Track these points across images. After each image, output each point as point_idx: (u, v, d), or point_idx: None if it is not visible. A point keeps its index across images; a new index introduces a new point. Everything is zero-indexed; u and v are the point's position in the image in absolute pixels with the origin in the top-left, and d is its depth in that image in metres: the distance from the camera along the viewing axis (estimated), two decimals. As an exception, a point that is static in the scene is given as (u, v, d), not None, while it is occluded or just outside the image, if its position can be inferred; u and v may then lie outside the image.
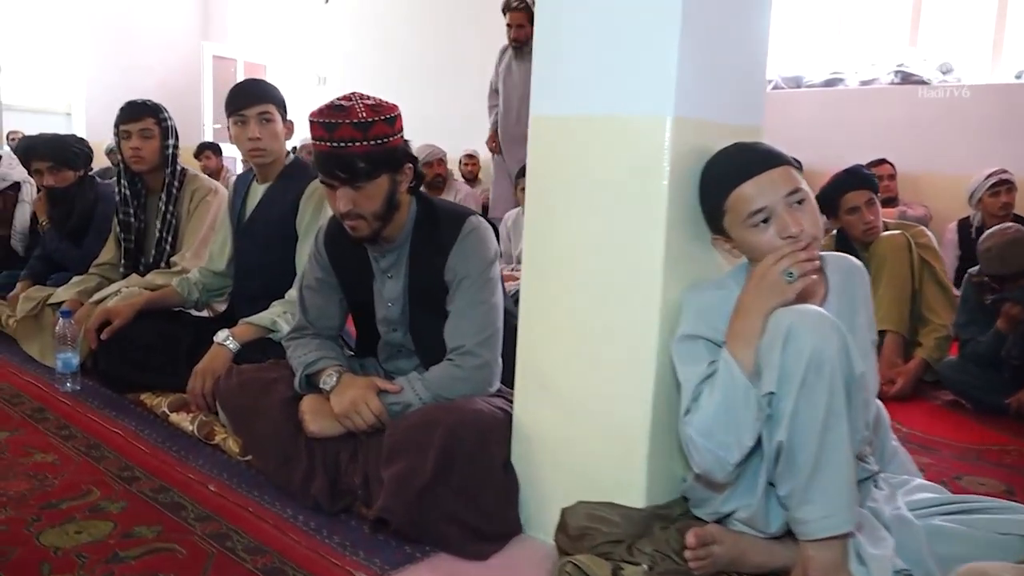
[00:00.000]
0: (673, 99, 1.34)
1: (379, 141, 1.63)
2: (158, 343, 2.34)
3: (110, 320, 2.35)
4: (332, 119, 1.60)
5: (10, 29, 8.97)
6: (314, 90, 9.17)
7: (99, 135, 8.91)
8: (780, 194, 1.30)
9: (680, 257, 1.41)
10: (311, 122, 1.64)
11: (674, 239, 1.38)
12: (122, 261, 2.82)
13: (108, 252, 2.94)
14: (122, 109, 2.74)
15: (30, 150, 3.09)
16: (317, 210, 2.29)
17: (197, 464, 1.89)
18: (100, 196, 3.21)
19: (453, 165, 6.93)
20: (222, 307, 2.77)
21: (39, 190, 3.25)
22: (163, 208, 2.78)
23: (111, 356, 2.34)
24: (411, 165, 1.74)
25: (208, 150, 6.42)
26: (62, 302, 2.77)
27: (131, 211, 2.79)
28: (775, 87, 5.91)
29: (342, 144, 1.60)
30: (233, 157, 7.86)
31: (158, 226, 2.78)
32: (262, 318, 2.13)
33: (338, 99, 1.66)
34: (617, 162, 1.42)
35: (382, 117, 1.64)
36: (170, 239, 2.79)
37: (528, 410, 1.61)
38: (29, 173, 3.23)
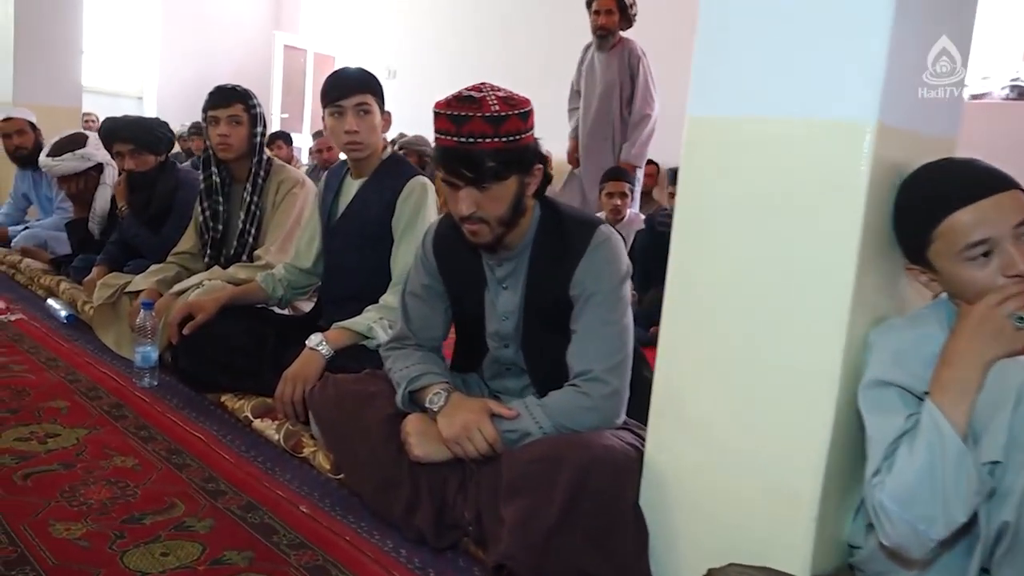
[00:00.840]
0: (878, 102, 1.14)
1: (511, 138, 1.46)
2: (243, 342, 2.20)
3: (193, 314, 2.23)
4: (461, 111, 1.44)
5: (87, 12, 9.11)
6: (384, 84, 9.11)
7: (170, 120, 9.01)
8: (1008, 224, 1.09)
9: (871, 288, 1.20)
10: (436, 114, 1.47)
11: (867, 267, 1.18)
12: (207, 252, 2.71)
13: (188, 241, 2.84)
14: (211, 94, 2.62)
15: (112, 132, 3.00)
16: (416, 211, 2.14)
17: (285, 479, 1.74)
18: (180, 182, 3.12)
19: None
20: (305, 306, 2.64)
21: (120, 174, 3.17)
22: (248, 199, 2.65)
23: (192, 353, 2.22)
24: (541, 166, 1.56)
25: (279, 139, 6.35)
26: (140, 291, 2.67)
27: (218, 200, 2.68)
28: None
29: (471, 140, 1.44)
30: (299, 147, 7.79)
31: (241, 217, 2.66)
32: (357, 323, 1.98)
33: (467, 89, 1.49)
34: (799, 173, 1.23)
35: (516, 111, 1.47)
36: (253, 231, 2.66)
37: (664, 450, 1.42)
38: (111, 156, 3.15)
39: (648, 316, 3.72)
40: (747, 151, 1.29)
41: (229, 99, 2.60)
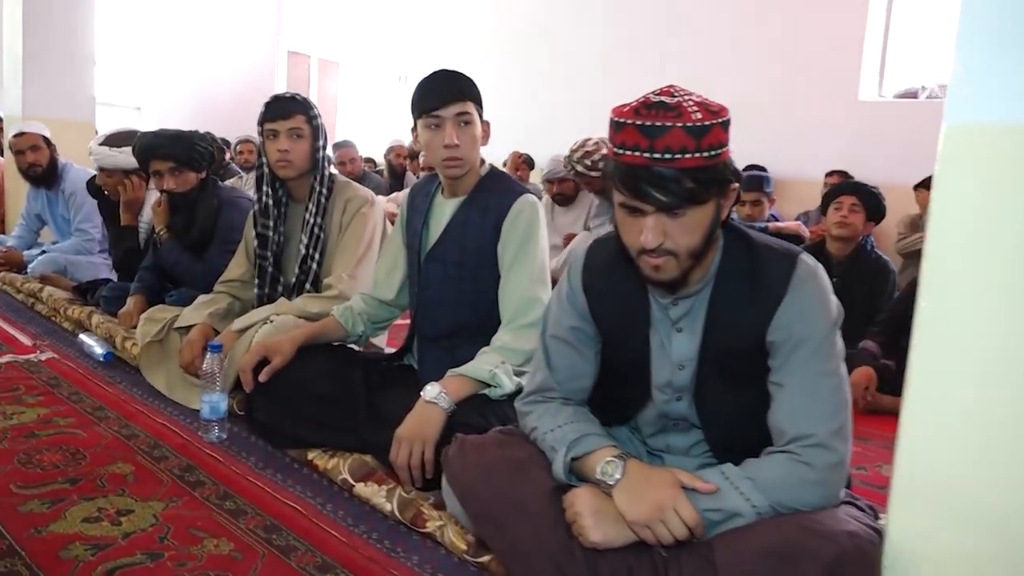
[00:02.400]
0: None
1: (713, 152, 1.19)
2: (328, 388, 1.92)
3: (268, 358, 1.94)
4: (657, 120, 1.17)
5: (85, 20, 8.79)
6: (395, 89, 8.83)
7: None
8: None
9: None
10: (619, 124, 1.20)
11: None
12: (262, 280, 2.42)
13: (237, 267, 2.55)
14: (268, 105, 2.34)
15: (149, 149, 2.71)
16: (528, 235, 1.86)
17: (412, 562, 1.46)
18: (224, 202, 2.83)
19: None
20: (378, 340, 2.36)
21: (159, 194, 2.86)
22: (310, 220, 2.37)
23: (270, 402, 1.93)
24: (736, 185, 1.30)
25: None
26: (191, 326, 2.38)
27: (270, 223, 2.39)
28: (930, 96, 5.40)
29: (667, 156, 1.17)
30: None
31: (303, 241, 2.37)
32: (478, 370, 1.70)
33: (655, 94, 1.22)
34: None
35: (718, 120, 1.20)
36: (317, 257, 2.38)
37: (913, 533, 1.15)
38: (146, 174, 2.85)
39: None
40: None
41: (289, 110, 2.32)
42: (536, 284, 1.83)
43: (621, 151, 1.21)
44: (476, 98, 1.90)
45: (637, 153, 1.19)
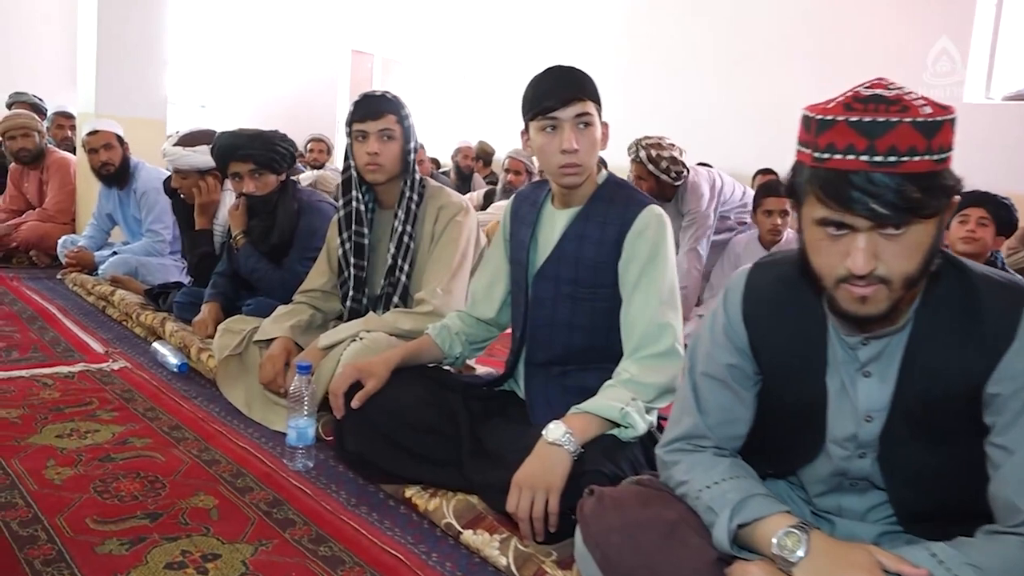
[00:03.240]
0: None
1: (943, 156, 0.97)
2: (427, 416, 1.73)
3: (361, 381, 1.76)
4: (878, 116, 0.95)
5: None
6: (460, 88, 8.69)
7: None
8: None
9: None
10: (825, 122, 0.98)
11: None
12: (347, 291, 2.25)
13: (319, 276, 2.39)
14: (357, 104, 2.16)
15: (230, 149, 2.56)
16: (655, 251, 1.64)
17: (536, 632, 1.26)
18: (304, 206, 2.68)
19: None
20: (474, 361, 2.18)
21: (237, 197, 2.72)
22: (399, 228, 2.19)
23: (363, 432, 1.74)
24: (958, 198, 1.06)
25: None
26: (271, 340, 2.23)
27: (365, 230, 2.22)
28: (1018, 96, 5.03)
29: (892, 158, 0.94)
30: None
31: (391, 250, 2.20)
32: (606, 407, 1.49)
33: (865, 87, 1.00)
34: None
35: (949, 116, 0.98)
36: (407, 268, 2.20)
37: None
38: (223, 176, 2.71)
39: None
40: None
41: (380, 109, 2.14)
42: (666, 308, 1.62)
43: (828, 155, 0.98)
44: (596, 97, 1.69)
45: (852, 156, 0.96)
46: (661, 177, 3.50)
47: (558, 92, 1.64)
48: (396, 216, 2.21)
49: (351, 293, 2.26)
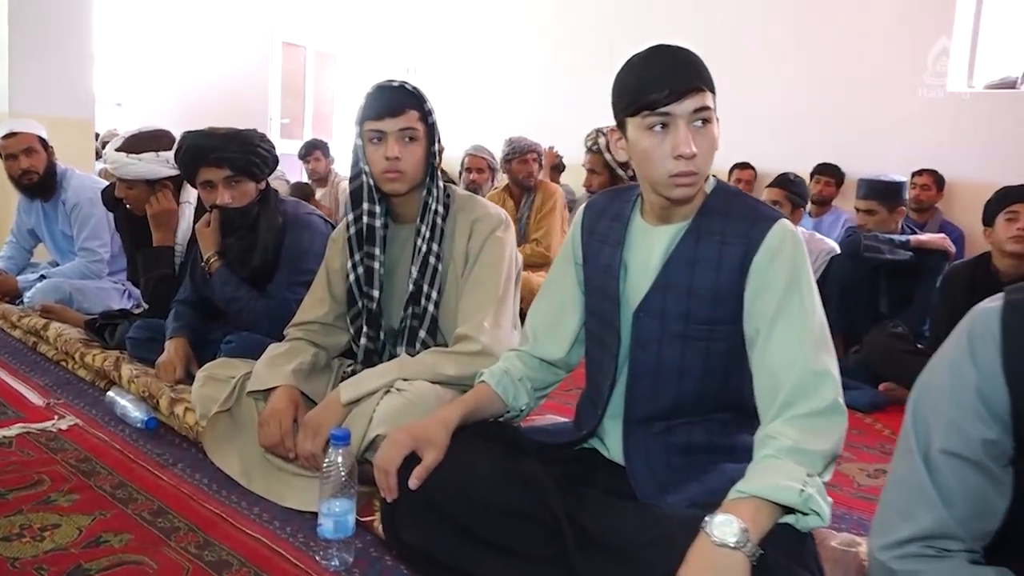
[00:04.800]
0: None
1: None
2: (510, 496, 1.34)
3: (417, 452, 1.37)
4: None
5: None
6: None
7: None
8: None
9: None
10: None
11: None
12: (364, 329, 1.84)
13: (316, 306, 1.96)
14: (371, 97, 1.76)
15: (200, 152, 2.10)
16: (796, 279, 1.30)
17: None
18: (291, 220, 2.24)
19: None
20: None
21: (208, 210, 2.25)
22: (423, 247, 1.79)
23: (425, 518, 1.35)
24: None
25: (316, 150, 5.41)
26: (270, 389, 1.80)
27: (376, 251, 1.82)
28: (1001, 84, 4.95)
29: None
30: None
31: (413, 274, 1.80)
32: (783, 489, 1.13)
33: None
34: None
35: None
36: (435, 295, 1.81)
37: None
38: (192, 183, 2.24)
39: (865, 369, 2.95)
40: None
41: (401, 104, 1.74)
42: (820, 351, 1.28)
43: None
44: (713, 86, 1.34)
45: None
46: (617, 171, 3.25)
47: (671, 80, 1.28)
48: (419, 233, 1.81)
49: (365, 329, 1.85)
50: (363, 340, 1.85)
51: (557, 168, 6.04)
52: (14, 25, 3.67)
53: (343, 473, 1.41)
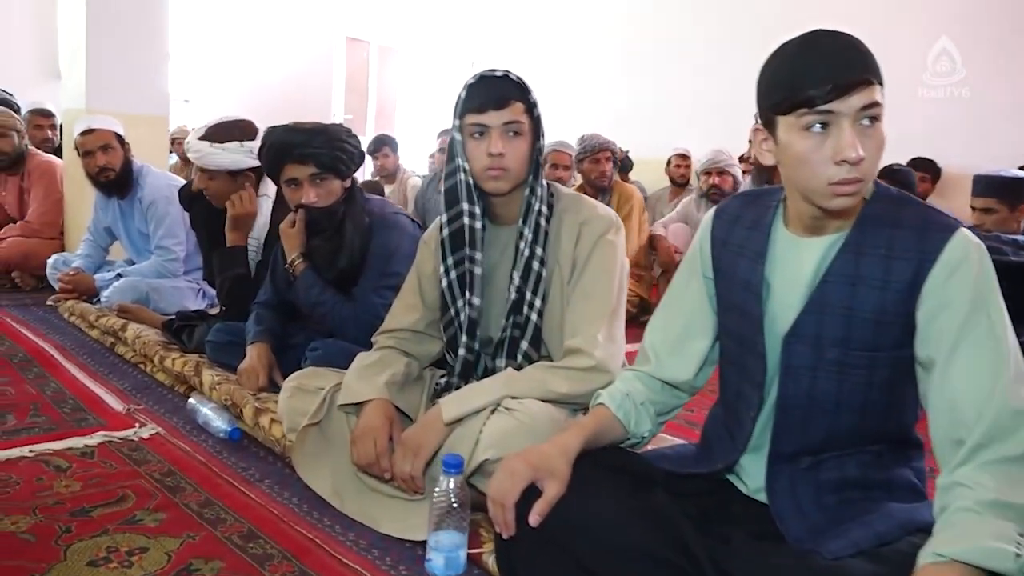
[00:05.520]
0: None
1: None
2: (643, 536, 1.19)
3: (537, 483, 1.23)
4: None
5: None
6: (467, 74, 8.10)
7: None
8: None
9: None
10: None
11: None
12: (462, 339, 1.71)
13: (407, 312, 1.83)
14: (472, 88, 1.62)
15: (284, 148, 2.00)
16: (983, 299, 1.09)
17: None
18: (378, 220, 2.13)
19: (659, 167, 5.78)
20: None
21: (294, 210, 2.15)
22: (526, 251, 1.65)
23: (547, 559, 1.21)
24: None
25: (385, 146, 5.33)
26: (363, 402, 1.68)
27: (477, 256, 1.68)
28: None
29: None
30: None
31: (516, 281, 1.65)
32: (995, 553, 0.94)
33: None
34: None
35: None
36: (539, 304, 1.66)
37: None
38: (275, 181, 2.14)
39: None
40: None
41: (506, 96, 1.60)
42: (1019, 384, 1.09)
43: None
44: (881, 77, 1.16)
45: None
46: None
47: (835, 73, 1.10)
48: (521, 235, 1.67)
49: (464, 339, 1.72)
50: (461, 351, 1.72)
51: (625, 167, 5.84)
52: (91, 23, 3.64)
53: (455, 504, 1.28)
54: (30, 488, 1.64)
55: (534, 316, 1.67)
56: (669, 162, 5.65)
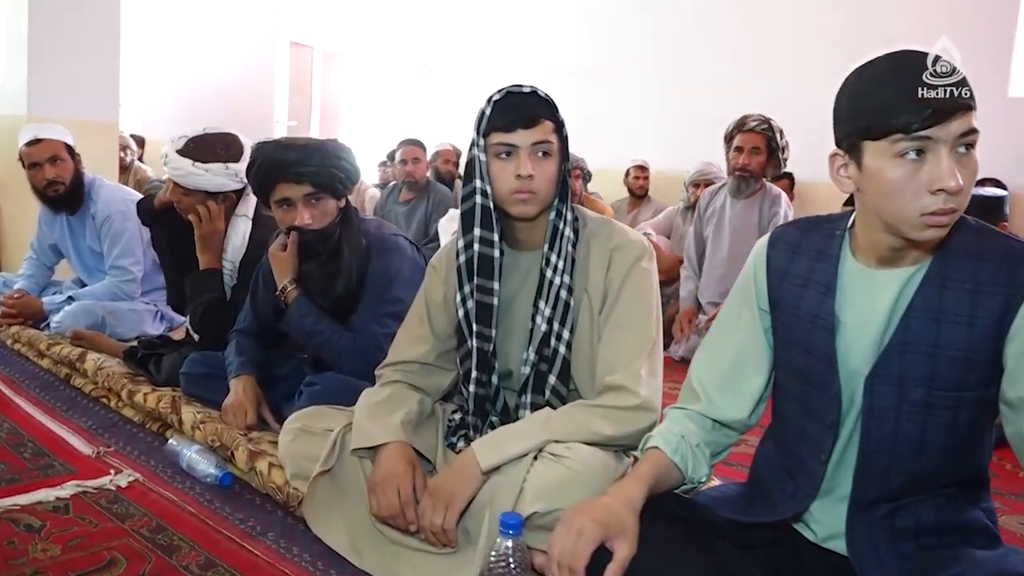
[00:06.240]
0: None
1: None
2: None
3: (607, 544, 1.12)
4: None
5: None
6: (416, 84, 7.93)
7: (156, 134, 7.63)
8: None
9: None
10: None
11: None
12: (473, 374, 1.58)
13: (415, 343, 1.70)
14: (498, 105, 1.50)
15: (276, 166, 1.84)
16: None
17: None
18: (374, 243, 1.98)
19: (617, 177, 5.73)
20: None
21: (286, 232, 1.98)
22: (553, 279, 1.54)
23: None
24: None
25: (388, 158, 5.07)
26: (379, 445, 1.53)
27: (495, 286, 1.56)
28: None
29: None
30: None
31: (543, 310, 1.54)
32: None
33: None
34: None
35: None
36: (567, 336, 1.55)
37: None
38: (265, 202, 1.97)
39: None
40: None
41: (536, 114, 1.49)
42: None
43: None
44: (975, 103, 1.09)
45: None
46: (773, 158, 3.17)
47: (935, 98, 1.04)
48: (548, 262, 1.55)
49: (475, 374, 1.59)
50: (472, 386, 1.59)
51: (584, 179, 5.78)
52: (34, 20, 3.36)
53: (515, 568, 1.16)
54: (1, 554, 1.44)
55: (562, 349, 1.56)
56: (627, 173, 5.61)
